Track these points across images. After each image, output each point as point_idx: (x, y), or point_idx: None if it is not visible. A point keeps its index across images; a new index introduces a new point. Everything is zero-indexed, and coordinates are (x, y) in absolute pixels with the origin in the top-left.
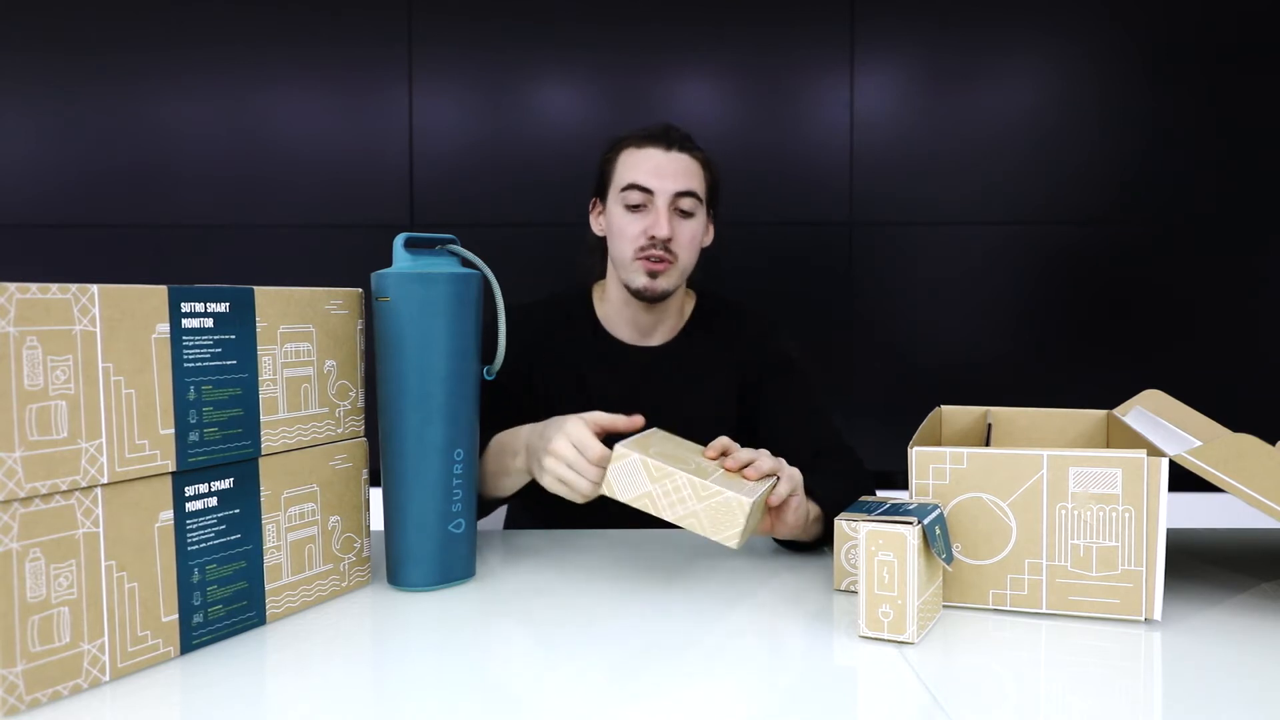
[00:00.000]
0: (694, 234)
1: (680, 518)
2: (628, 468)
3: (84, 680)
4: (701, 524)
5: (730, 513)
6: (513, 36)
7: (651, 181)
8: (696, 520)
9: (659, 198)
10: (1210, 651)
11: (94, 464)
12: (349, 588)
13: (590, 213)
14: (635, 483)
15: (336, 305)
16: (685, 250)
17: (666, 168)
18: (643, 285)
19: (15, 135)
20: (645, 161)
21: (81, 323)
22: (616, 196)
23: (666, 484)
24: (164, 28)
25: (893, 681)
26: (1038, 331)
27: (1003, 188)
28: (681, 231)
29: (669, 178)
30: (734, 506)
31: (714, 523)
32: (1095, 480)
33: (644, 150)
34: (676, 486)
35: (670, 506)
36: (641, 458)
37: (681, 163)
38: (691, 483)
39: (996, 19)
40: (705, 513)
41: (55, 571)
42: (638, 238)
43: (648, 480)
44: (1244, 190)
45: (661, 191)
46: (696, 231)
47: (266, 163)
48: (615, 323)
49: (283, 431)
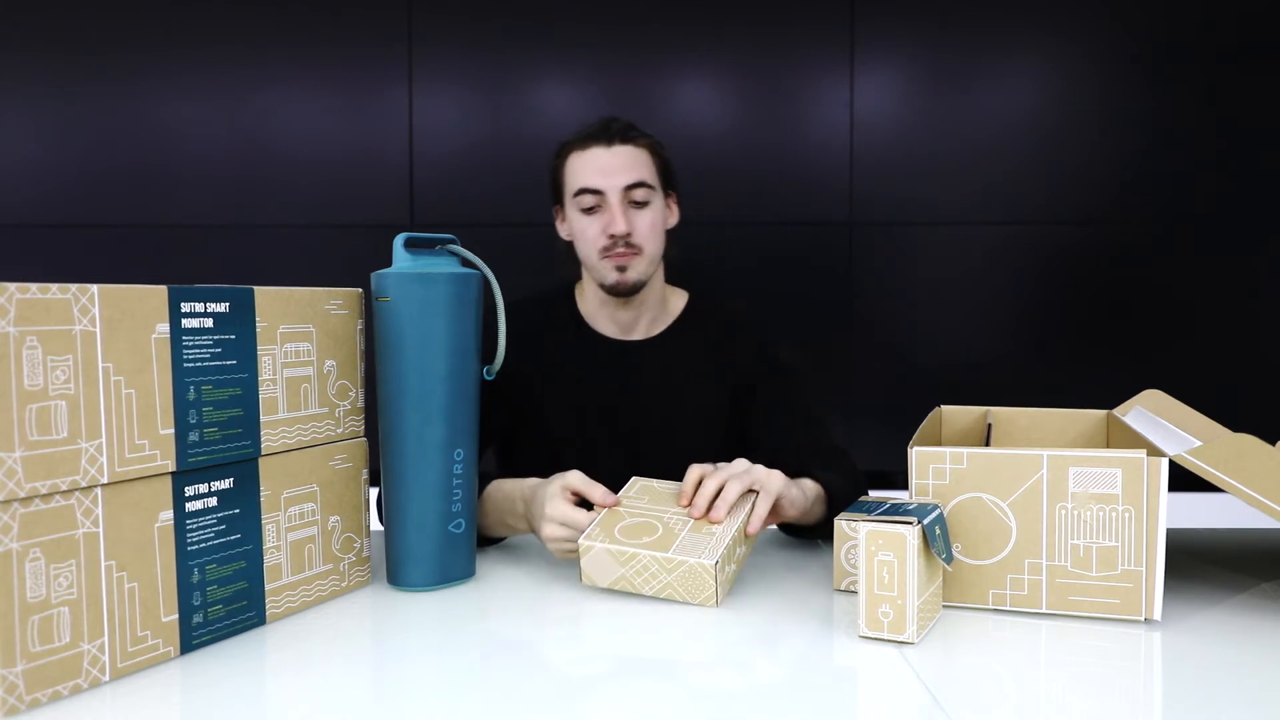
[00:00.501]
0: (653, 222)
1: (657, 591)
2: (595, 559)
3: (84, 680)
4: (677, 592)
5: (698, 578)
6: (513, 36)
7: (599, 181)
8: (672, 590)
9: (610, 195)
10: (1210, 651)
11: (94, 464)
12: (349, 588)
13: (555, 220)
14: (607, 570)
15: (336, 305)
16: (647, 239)
17: (611, 164)
18: (614, 281)
19: (15, 135)
20: (590, 162)
21: (81, 323)
22: (572, 202)
23: (633, 565)
24: (164, 28)
25: (893, 681)
26: (1038, 331)
27: (1003, 188)
28: (639, 222)
29: (615, 173)
30: (700, 572)
31: (687, 589)
32: (1095, 480)
33: (588, 151)
34: (644, 565)
35: (645, 583)
36: (604, 547)
37: (625, 155)
38: (655, 559)
39: (996, 19)
40: (677, 582)
41: (55, 571)
42: (598, 238)
43: (616, 564)
44: (1244, 190)
45: (611, 189)
46: (655, 219)
47: (266, 163)
48: (597, 319)
49: (283, 431)
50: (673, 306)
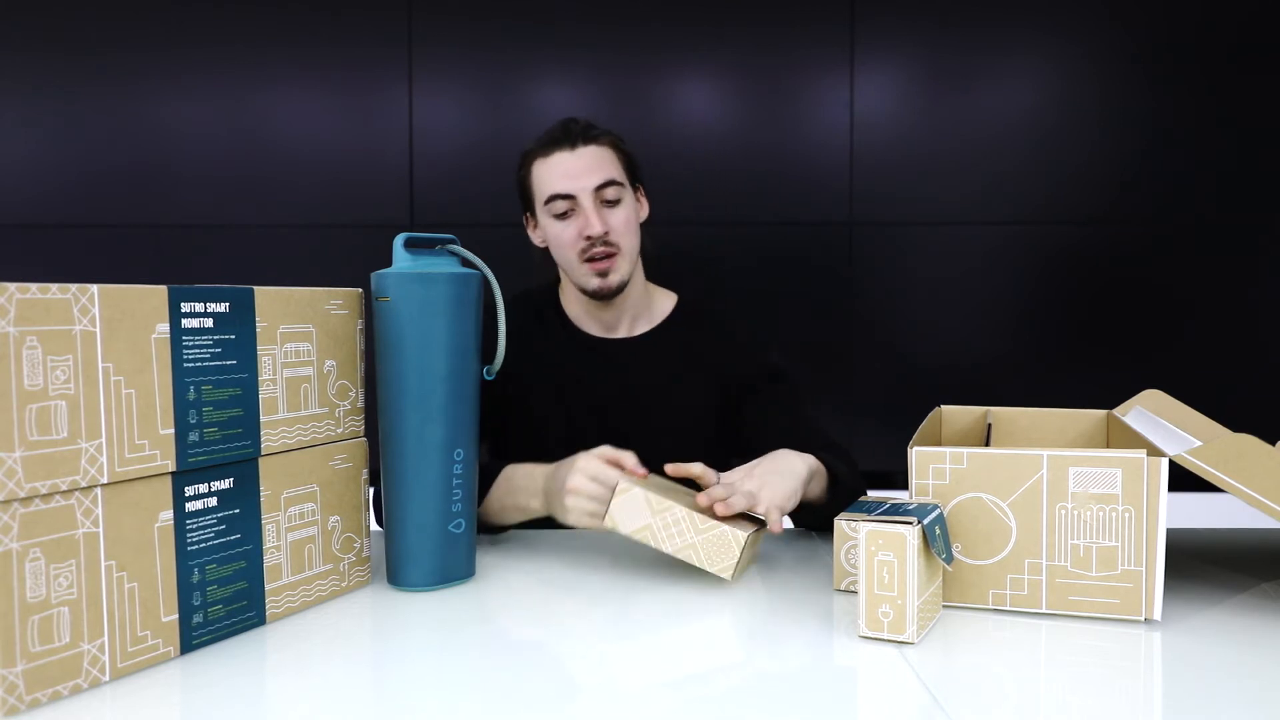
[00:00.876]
0: (626, 218)
1: (678, 549)
2: (630, 501)
3: (84, 680)
4: (699, 555)
5: (726, 545)
6: (513, 36)
7: (568, 185)
8: (694, 551)
9: (582, 197)
10: (1210, 651)
11: (94, 464)
12: (349, 588)
13: (526, 227)
14: (637, 516)
15: (336, 305)
16: (624, 236)
17: (577, 167)
18: (596, 286)
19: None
20: (556, 167)
21: (81, 323)
22: (543, 210)
23: (666, 516)
24: (164, 28)
25: (893, 681)
26: (1038, 331)
27: (1003, 188)
28: (614, 221)
29: (583, 175)
30: (730, 540)
31: (710, 555)
32: (1095, 480)
33: (552, 157)
34: (676, 519)
35: (669, 538)
36: (644, 492)
37: (590, 156)
38: (690, 516)
39: (996, 19)
40: (702, 545)
41: (55, 571)
42: (576, 241)
43: (649, 513)
44: (1244, 190)
45: (582, 191)
46: (628, 215)
47: (266, 163)
48: (581, 318)
49: (283, 431)
50: (660, 307)
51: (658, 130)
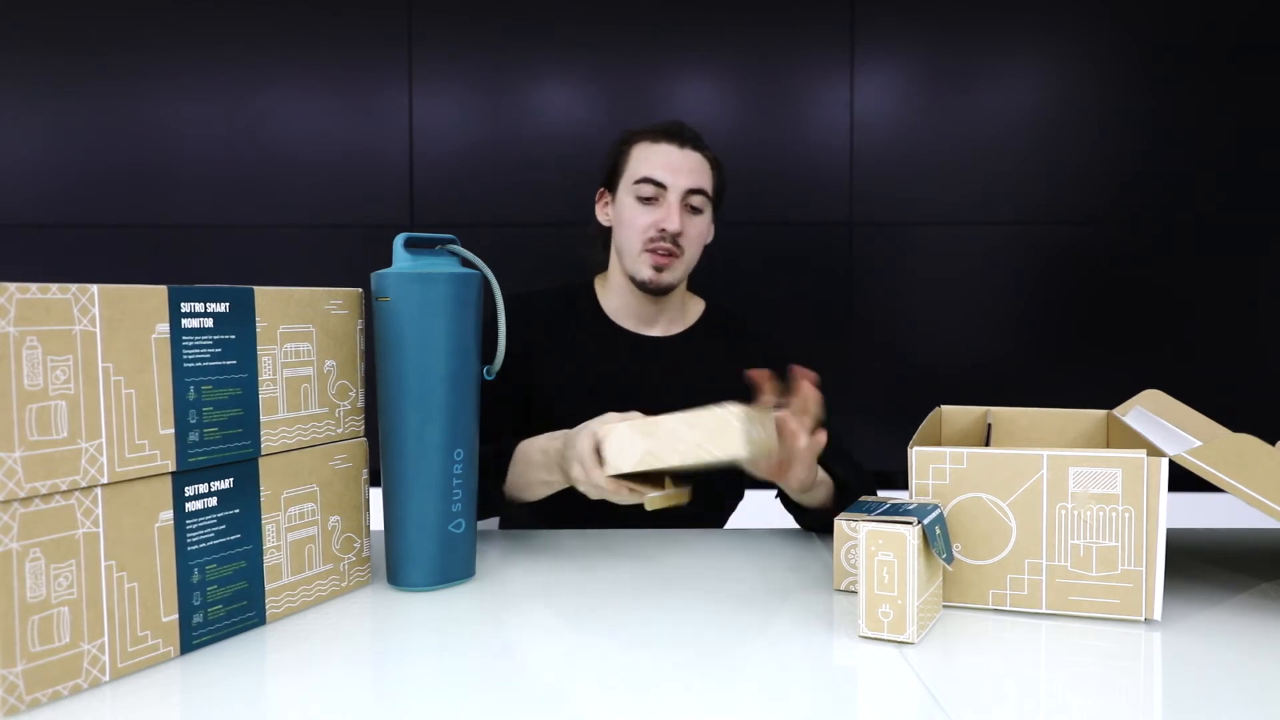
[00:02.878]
0: (701, 231)
1: (684, 456)
2: (617, 438)
3: (84, 680)
4: (707, 450)
5: (726, 425)
6: (513, 36)
7: (665, 176)
8: (701, 449)
9: (671, 192)
10: (1210, 651)
11: (94, 464)
12: (349, 588)
13: (597, 203)
14: (632, 449)
15: (336, 305)
16: (692, 245)
17: (680, 164)
18: (648, 277)
19: (15, 135)
20: (659, 156)
21: (81, 323)
22: (629, 188)
23: (659, 432)
24: (164, 28)
25: (893, 681)
26: (1038, 331)
27: (1003, 188)
28: (690, 227)
29: (682, 174)
30: (726, 417)
31: (716, 443)
32: (1095, 480)
33: (658, 145)
34: (669, 430)
35: (672, 450)
36: (626, 425)
37: (694, 160)
38: (678, 419)
39: (996, 19)
40: (705, 439)
41: (55, 571)
42: (647, 229)
43: (641, 438)
44: (1244, 190)
45: (674, 186)
46: (703, 228)
47: (266, 163)
48: (619, 312)
49: (283, 431)
50: (691, 310)
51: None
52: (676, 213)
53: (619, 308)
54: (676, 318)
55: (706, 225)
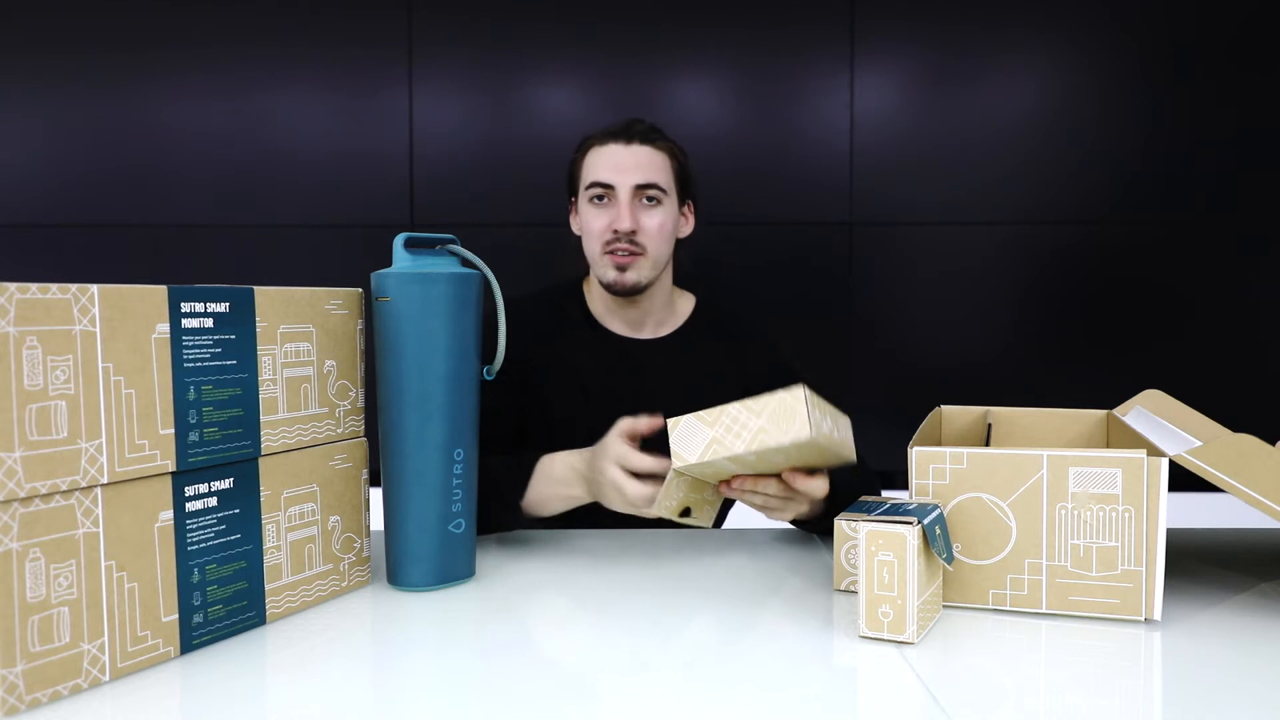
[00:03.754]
0: (661, 224)
1: (749, 443)
2: (685, 429)
3: (84, 680)
4: (772, 436)
5: (789, 408)
6: (513, 37)
7: (611, 176)
8: (766, 435)
9: (620, 191)
10: (1210, 651)
11: (94, 464)
12: (349, 588)
13: (569, 214)
14: (697, 437)
15: (336, 305)
16: (653, 240)
17: (626, 161)
18: (612, 279)
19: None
20: (606, 158)
21: (81, 323)
22: (583, 195)
23: (724, 420)
24: (164, 28)
25: (893, 681)
26: (1038, 331)
27: (1002, 188)
28: (647, 222)
29: (629, 171)
30: (791, 401)
31: (780, 427)
32: (1095, 480)
33: (606, 147)
34: (733, 417)
35: (736, 438)
36: (692, 414)
37: (642, 155)
38: (742, 406)
39: (996, 19)
40: (769, 423)
41: (55, 571)
42: (603, 232)
43: (707, 428)
44: (1244, 190)
45: (622, 185)
46: (665, 221)
47: (266, 163)
48: (606, 316)
49: (283, 431)
50: (681, 309)
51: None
52: (627, 211)
53: (604, 311)
54: (665, 318)
55: (669, 218)
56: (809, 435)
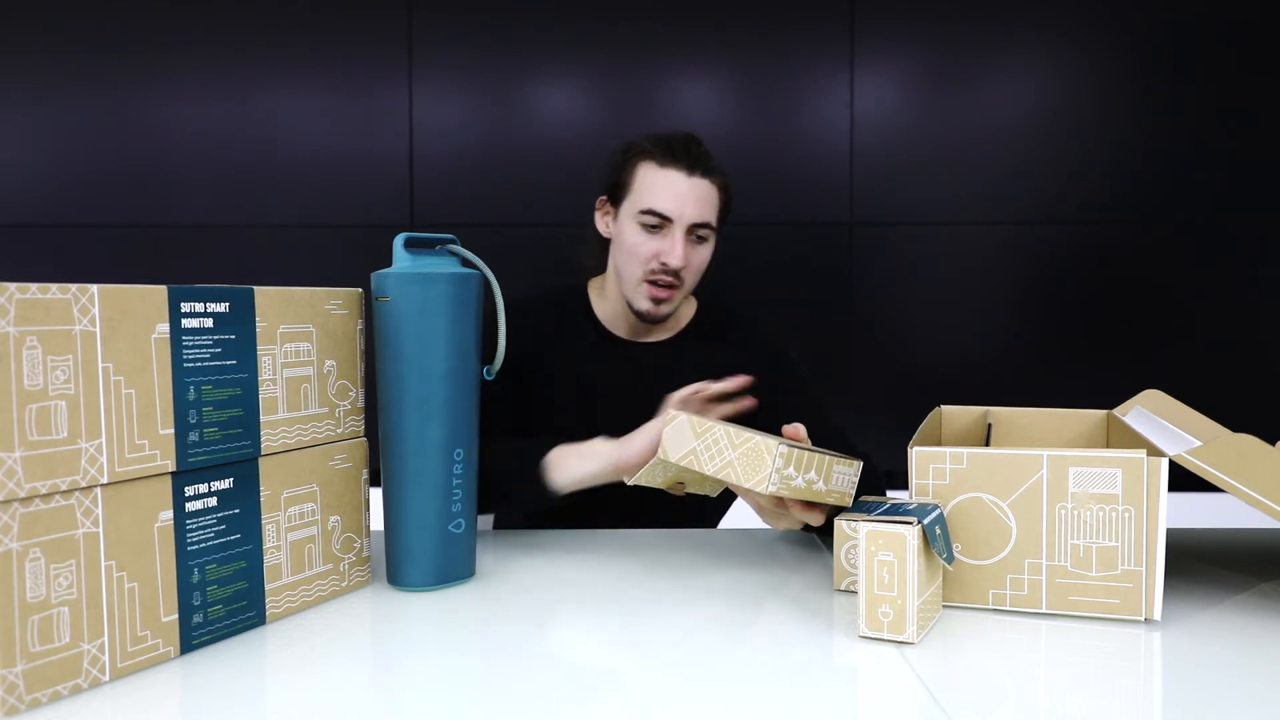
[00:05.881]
0: (703, 260)
1: (717, 470)
2: (677, 427)
3: (84, 680)
4: (735, 472)
5: (758, 457)
6: (513, 36)
7: (671, 208)
8: (731, 469)
9: (677, 226)
10: (1210, 651)
11: (94, 464)
12: (349, 588)
13: (597, 210)
14: (683, 441)
15: (336, 305)
16: (693, 275)
17: (689, 195)
18: (645, 309)
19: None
20: (667, 185)
21: (81, 323)
22: (632, 214)
23: (708, 438)
24: (164, 28)
25: (893, 681)
26: (1038, 331)
27: (1002, 188)
28: (694, 259)
29: (690, 206)
30: (761, 451)
31: (744, 469)
32: (1095, 480)
33: (666, 172)
34: (716, 439)
35: (710, 460)
36: (688, 416)
37: (702, 190)
38: (728, 432)
39: (996, 19)
40: (738, 460)
41: (55, 571)
42: (649, 260)
43: (693, 437)
44: (1244, 190)
45: (680, 220)
46: (706, 257)
47: (266, 163)
48: (613, 321)
49: (283, 431)
50: (684, 312)
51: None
52: (681, 246)
53: (612, 317)
54: (669, 322)
55: (710, 253)
56: (765, 490)
